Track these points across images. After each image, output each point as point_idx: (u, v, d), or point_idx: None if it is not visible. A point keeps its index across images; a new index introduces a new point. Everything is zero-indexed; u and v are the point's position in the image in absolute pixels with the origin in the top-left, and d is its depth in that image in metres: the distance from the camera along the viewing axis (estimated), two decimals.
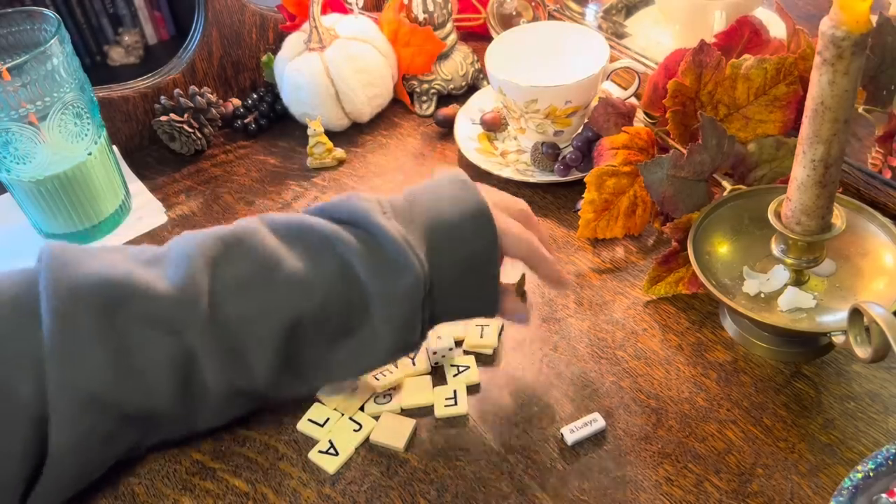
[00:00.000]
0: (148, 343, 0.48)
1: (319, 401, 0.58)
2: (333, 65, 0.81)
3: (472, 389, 0.59)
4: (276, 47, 0.88)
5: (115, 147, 0.83)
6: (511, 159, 0.79)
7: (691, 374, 0.58)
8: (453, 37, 0.89)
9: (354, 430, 0.56)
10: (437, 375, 0.60)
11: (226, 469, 0.55)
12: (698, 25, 0.82)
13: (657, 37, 0.89)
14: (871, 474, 0.42)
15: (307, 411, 0.58)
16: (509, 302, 0.58)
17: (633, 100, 0.77)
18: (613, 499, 0.51)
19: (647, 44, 0.87)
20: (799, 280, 0.58)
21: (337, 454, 0.55)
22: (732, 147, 0.64)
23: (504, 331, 0.63)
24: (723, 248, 0.62)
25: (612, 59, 0.76)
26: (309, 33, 0.82)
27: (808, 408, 0.55)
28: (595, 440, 0.55)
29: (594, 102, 0.74)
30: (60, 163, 0.70)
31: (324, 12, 0.86)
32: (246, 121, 0.87)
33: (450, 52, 0.89)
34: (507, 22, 0.92)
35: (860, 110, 0.66)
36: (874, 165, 0.68)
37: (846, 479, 0.42)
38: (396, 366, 0.60)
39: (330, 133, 0.84)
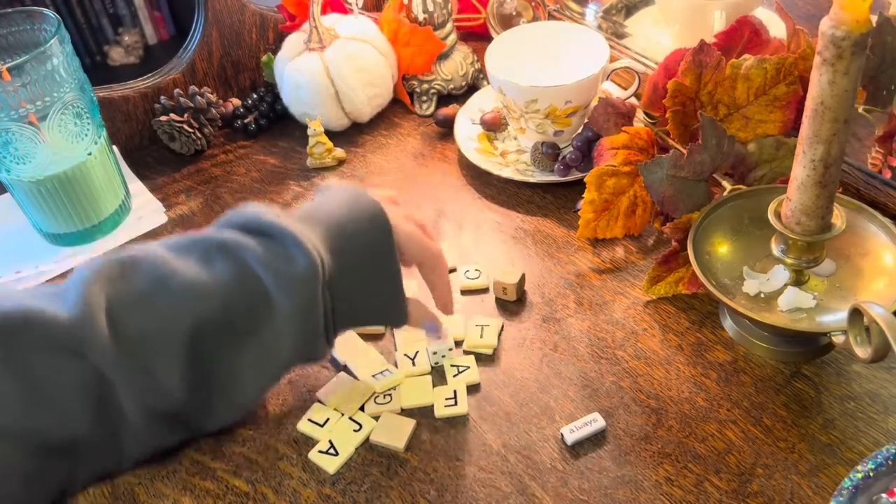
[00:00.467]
0: (53, 368, 0.47)
1: (320, 401, 0.58)
2: (333, 65, 0.81)
3: (472, 389, 0.59)
4: (276, 47, 0.88)
5: (115, 147, 0.83)
6: (511, 159, 0.79)
7: (691, 374, 0.58)
8: (453, 37, 0.89)
9: (354, 430, 0.56)
10: (437, 375, 0.60)
11: (226, 469, 0.55)
12: (698, 25, 0.82)
13: (657, 37, 0.89)
14: (871, 474, 0.42)
15: (307, 411, 0.58)
16: (419, 310, 0.58)
17: (633, 100, 0.77)
18: (613, 499, 0.51)
19: (647, 44, 0.87)
20: (799, 280, 0.58)
21: (337, 454, 0.55)
22: (732, 147, 0.64)
23: (504, 331, 0.63)
24: (723, 248, 0.62)
25: (612, 59, 0.76)
26: (309, 33, 0.82)
27: (808, 408, 0.55)
28: (595, 440, 0.55)
29: (594, 102, 0.74)
30: (60, 163, 0.70)
31: (324, 12, 0.86)
32: (246, 121, 0.87)
33: (450, 52, 0.89)
34: (507, 22, 0.92)
35: (860, 110, 0.66)
36: (874, 165, 0.68)
37: (846, 479, 0.42)
38: (397, 366, 0.60)
39: (330, 133, 0.84)
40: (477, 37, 0.96)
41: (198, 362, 0.50)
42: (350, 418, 0.57)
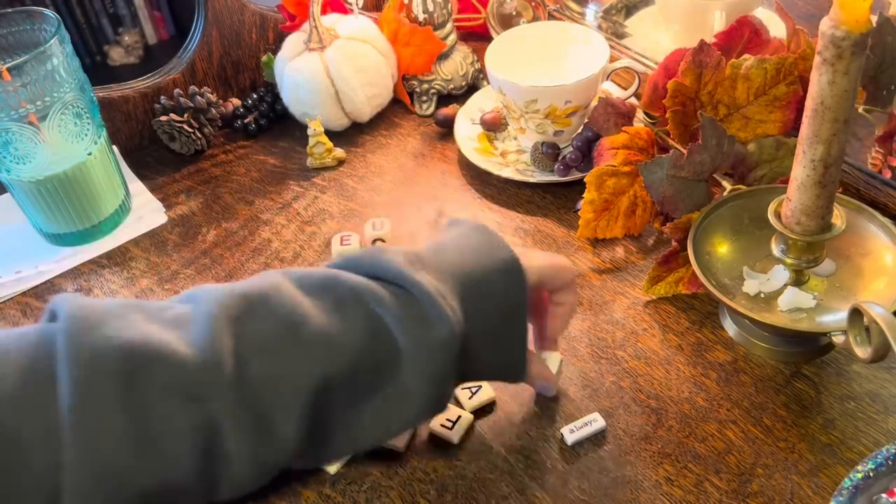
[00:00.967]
0: (169, 411, 0.45)
1: None
2: (333, 65, 0.81)
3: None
4: (276, 47, 0.88)
5: (115, 147, 0.83)
6: (511, 159, 0.78)
7: (691, 374, 0.58)
8: (453, 37, 0.89)
9: None
10: None
11: None
12: (698, 25, 0.82)
13: (657, 37, 0.89)
14: (871, 474, 0.42)
15: None
16: (536, 367, 0.56)
17: (633, 100, 0.77)
18: (613, 499, 0.51)
19: (647, 44, 0.87)
20: (799, 280, 0.58)
21: None
22: (732, 147, 0.64)
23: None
24: (723, 248, 0.62)
25: (612, 59, 0.76)
26: (309, 33, 0.82)
27: (808, 408, 0.55)
28: (595, 440, 0.55)
29: (594, 102, 0.74)
30: (60, 163, 0.70)
31: (324, 12, 0.86)
32: (246, 121, 0.87)
33: (450, 52, 0.89)
34: (507, 22, 0.92)
35: (860, 110, 0.66)
36: (874, 165, 0.68)
37: (846, 479, 0.42)
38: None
39: (330, 133, 0.84)
40: (477, 37, 0.96)
41: (318, 415, 0.48)
42: None
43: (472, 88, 0.89)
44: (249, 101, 0.89)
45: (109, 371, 0.45)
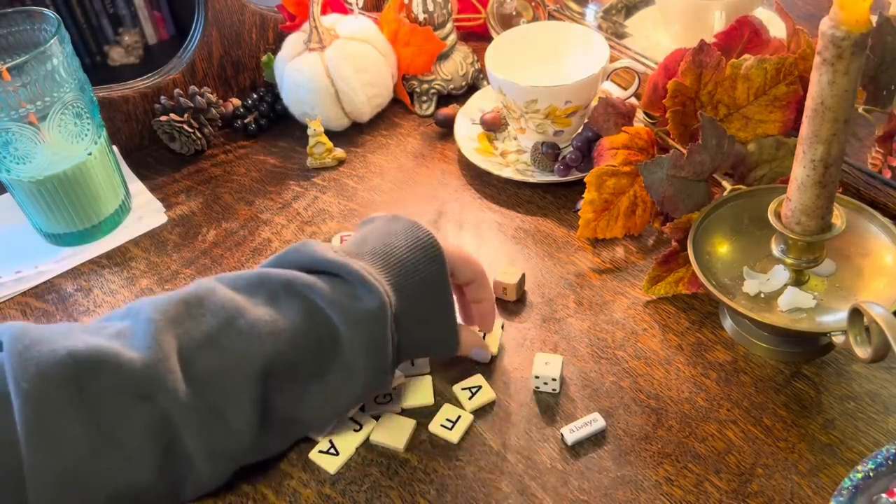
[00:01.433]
0: (123, 412, 0.47)
1: None
2: (333, 65, 0.81)
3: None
4: (276, 47, 0.88)
5: (115, 147, 0.83)
6: (511, 159, 0.79)
7: (691, 374, 0.58)
8: (453, 37, 0.89)
9: (355, 430, 0.56)
10: (439, 379, 0.60)
11: None
12: (698, 25, 0.82)
13: (657, 37, 0.89)
14: (871, 474, 0.42)
15: None
16: (468, 337, 0.58)
17: (633, 100, 0.77)
18: (613, 499, 0.51)
19: (647, 44, 0.87)
20: (799, 280, 0.58)
21: (337, 454, 0.55)
22: (732, 147, 0.64)
23: (504, 331, 0.63)
24: (723, 248, 0.61)
25: (612, 59, 0.76)
26: (309, 33, 0.82)
27: (808, 408, 0.55)
28: (595, 440, 0.55)
29: (594, 102, 0.74)
30: (60, 163, 0.70)
31: (324, 12, 0.86)
32: (246, 121, 0.87)
33: (450, 52, 0.89)
34: (507, 22, 0.92)
35: (860, 110, 0.66)
36: (874, 165, 0.68)
37: (846, 479, 0.42)
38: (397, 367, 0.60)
39: (330, 133, 0.84)
40: (477, 37, 0.96)
41: (266, 402, 0.50)
42: (350, 418, 0.57)
43: (472, 88, 0.89)
44: (249, 101, 0.89)
45: (57, 380, 0.46)
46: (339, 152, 0.83)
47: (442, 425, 0.56)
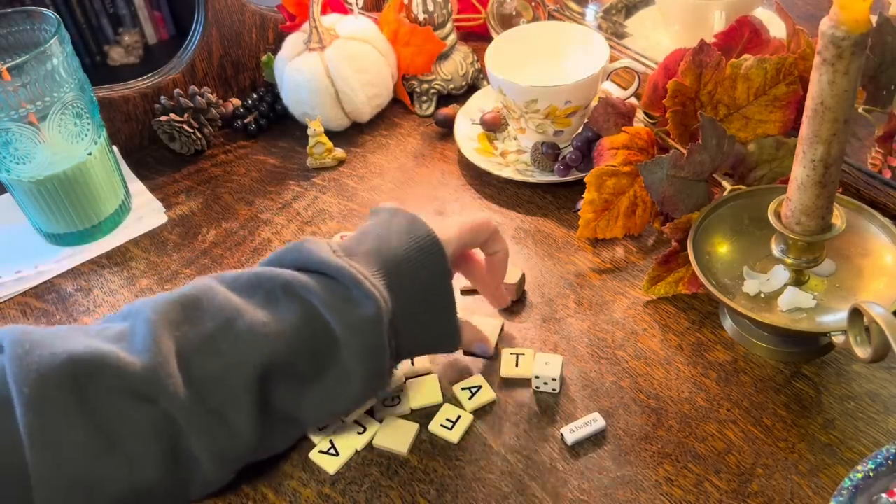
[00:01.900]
0: (125, 414, 0.47)
1: None
2: (333, 65, 0.81)
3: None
4: (276, 47, 0.88)
5: (115, 147, 0.83)
6: (511, 159, 0.79)
7: (691, 374, 0.58)
8: (453, 37, 0.89)
9: (358, 433, 0.56)
10: (439, 379, 0.60)
11: None
12: (698, 25, 0.82)
13: (657, 37, 0.89)
14: (871, 474, 0.42)
15: None
16: (470, 333, 0.58)
17: (633, 100, 0.77)
18: (613, 499, 0.51)
19: (647, 44, 0.87)
20: (799, 280, 0.58)
21: (337, 454, 0.55)
22: (732, 147, 0.64)
23: (504, 331, 0.63)
24: (723, 248, 0.61)
25: (612, 59, 0.76)
26: (309, 33, 0.82)
27: (808, 408, 0.55)
28: (595, 440, 0.55)
29: (594, 102, 0.74)
30: (60, 163, 0.70)
31: (324, 12, 0.86)
32: (246, 121, 0.87)
33: (450, 52, 0.89)
34: (507, 22, 0.92)
35: (860, 110, 0.65)
36: (874, 165, 0.68)
37: (846, 479, 0.42)
38: (396, 367, 0.60)
39: (330, 133, 0.84)
40: (477, 37, 0.96)
41: (265, 404, 0.50)
42: (354, 421, 0.57)
43: (472, 88, 0.89)
44: (249, 101, 0.89)
45: (58, 383, 0.46)
46: (339, 152, 0.83)
47: (442, 425, 0.56)
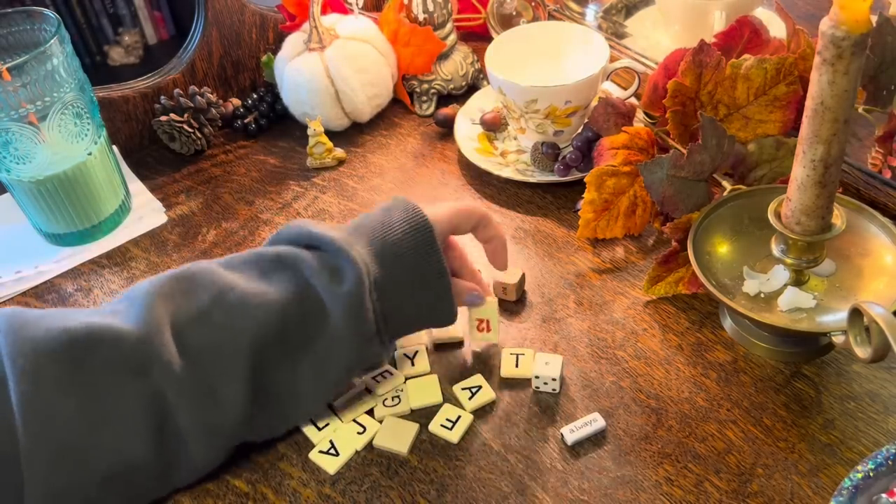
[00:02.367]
0: (117, 388, 0.47)
1: (328, 404, 0.58)
2: (333, 65, 0.81)
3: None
4: (276, 47, 0.88)
5: (115, 147, 0.83)
6: (511, 159, 0.79)
7: (691, 374, 0.58)
8: (453, 37, 0.89)
9: (358, 433, 0.56)
10: (443, 379, 0.60)
11: (226, 469, 0.55)
12: (698, 25, 0.82)
13: (657, 37, 0.89)
14: (871, 474, 0.42)
15: None
16: (458, 287, 0.58)
17: (633, 100, 0.77)
18: (613, 499, 0.51)
19: (647, 44, 0.87)
20: (799, 280, 0.58)
21: (337, 454, 0.55)
22: (732, 147, 0.64)
23: (503, 327, 0.63)
24: (723, 248, 0.61)
25: (612, 59, 0.76)
26: (309, 33, 0.82)
27: (808, 408, 0.55)
28: (595, 440, 0.55)
29: (594, 102, 0.74)
30: (60, 163, 0.70)
31: (324, 12, 0.86)
32: (246, 121, 0.87)
33: (450, 52, 0.89)
34: (507, 22, 0.92)
35: (860, 110, 0.65)
36: (874, 165, 0.68)
37: (846, 479, 0.42)
38: (396, 367, 0.60)
39: (330, 133, 0.84)
40: (477, 37, 0.96)
41: (258, 376, 0.51)
42: (354, 420, 0.57)
43: (472, 88, 0.89)
44: (249, 101, 0.89)
45: (53, 356, 0.47)
46: (339, 152, 0.83)
47: (442, 425, 0.56)
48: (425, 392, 0.58)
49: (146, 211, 0.79)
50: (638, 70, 0.77)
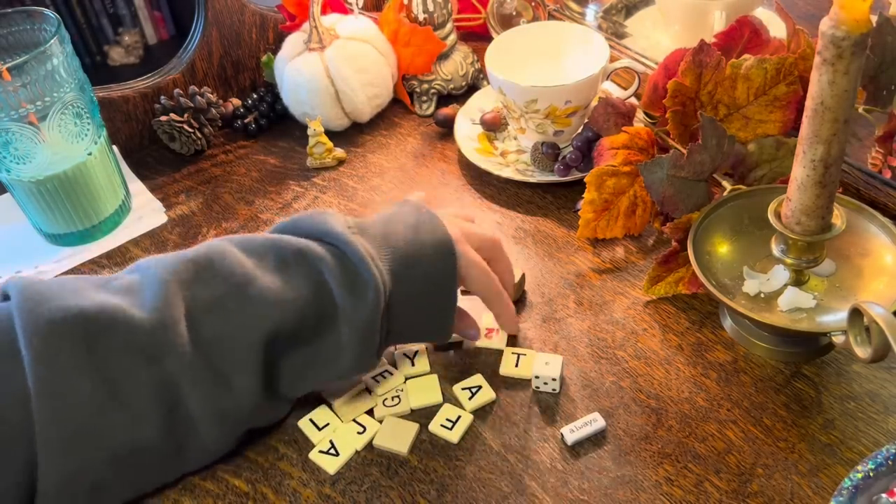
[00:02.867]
0: (130, 372, 0.48)
1: (326, 401, 0.58)
2: (333, 65, 0.81)
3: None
4: (276, 47, 0.88)
5: (115, 147, 0.83)
6: (511, 159, 0.79)
7: (691, 374, 0.58)
8: (453, 37, 0.89)
9: (358, 433, 0.56)
10: (442, 379, 0.60)
11: (226, 469, 0.55)
12: (698, 25, 0.82)
13: (657, 37, 0.89)
14: (871, 474, 0.42)
15: (311, 411, 0.57)
16: (461, 321, 0.59)
17: (633, 100, 0.77)
18: (613, 499, 0.51)
19: (647, 44, 0.87)
20: (799, 280, 0.58)
21: (337, 454, 0.55)
22: (732, 147, 0.64)
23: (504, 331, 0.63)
24: (723, 248, 0.62)
25: (612, 59, 0.76)
26: (309, 33, 0.82)
27: (808, 408, 0.55)
28: (595, 440, 0.55)
29: (594, 102, 0.74)
30: (60, 163, 0.70)
31: (324, 12, 0.86)
32: (246, 121, 0.87)
33: (450, 52, 0.89)
34: (507, 22, 0.92)
35: (860, 110, 0.65)
36: (874, 165, 0.68)
37: (846, 479, 0.42)
38: (396, 367, 0.60)
39: (330, 133, 0.84)
40: (477, 37, 0.96)
41: (269, 368, 0.51)
42: (354, 420, 0.57)
43: (472, 88, 0.89)
44: (249, 101, 0.89)
45: (69, 337, 0.47)
46: (339, 152, 0.83)
47: (442, 425, 0.56)
48: (425, 392, 0.58)
49: (146, 211, 0.79)
50: (638, 70, 0.77)
